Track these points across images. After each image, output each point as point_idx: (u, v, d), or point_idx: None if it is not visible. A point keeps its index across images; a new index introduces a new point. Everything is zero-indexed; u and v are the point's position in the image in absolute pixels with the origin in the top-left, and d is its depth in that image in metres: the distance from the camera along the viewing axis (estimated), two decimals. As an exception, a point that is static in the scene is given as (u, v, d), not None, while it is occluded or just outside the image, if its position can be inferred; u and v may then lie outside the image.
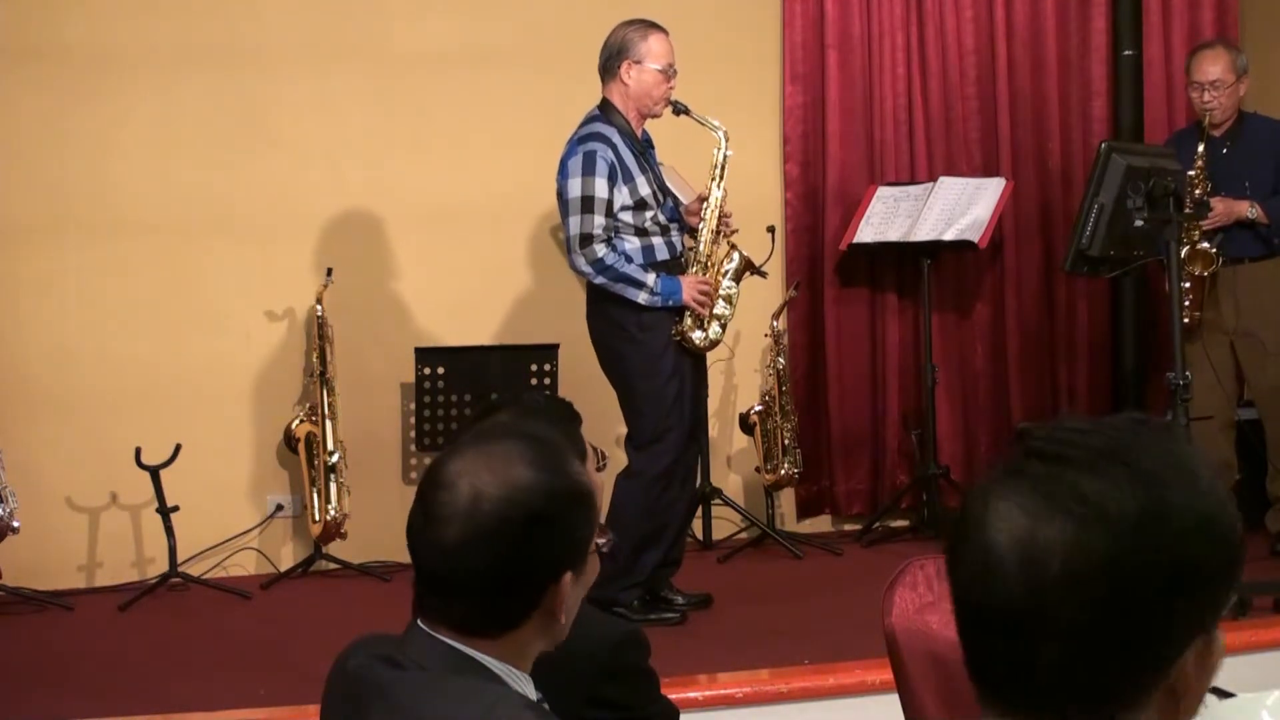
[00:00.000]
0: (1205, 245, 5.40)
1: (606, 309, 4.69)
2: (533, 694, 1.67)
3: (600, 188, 4.58)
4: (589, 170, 4.58)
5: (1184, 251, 5.35)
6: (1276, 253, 5.46)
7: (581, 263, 4.62)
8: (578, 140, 4.66)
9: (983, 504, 1.13)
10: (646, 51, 4.69)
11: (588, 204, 4.59)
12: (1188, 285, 5.39)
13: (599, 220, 4.58)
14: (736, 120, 5.07)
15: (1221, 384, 5.42)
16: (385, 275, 5.84)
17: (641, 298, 4.62)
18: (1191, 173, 5.35)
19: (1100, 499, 1.09)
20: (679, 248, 4.78)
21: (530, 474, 1.62)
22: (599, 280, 4.62)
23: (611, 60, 4.71)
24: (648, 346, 4.66)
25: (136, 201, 5.59)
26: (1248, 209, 5.36)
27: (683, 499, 4.78)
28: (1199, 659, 1.12)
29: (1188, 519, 1.10)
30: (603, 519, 1.78)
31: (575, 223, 4.61)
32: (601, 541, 1.71)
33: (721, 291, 4.80)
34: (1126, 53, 6.29)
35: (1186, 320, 5.36)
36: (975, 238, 5.85)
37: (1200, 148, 5.41)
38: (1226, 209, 5.37)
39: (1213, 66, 5.44)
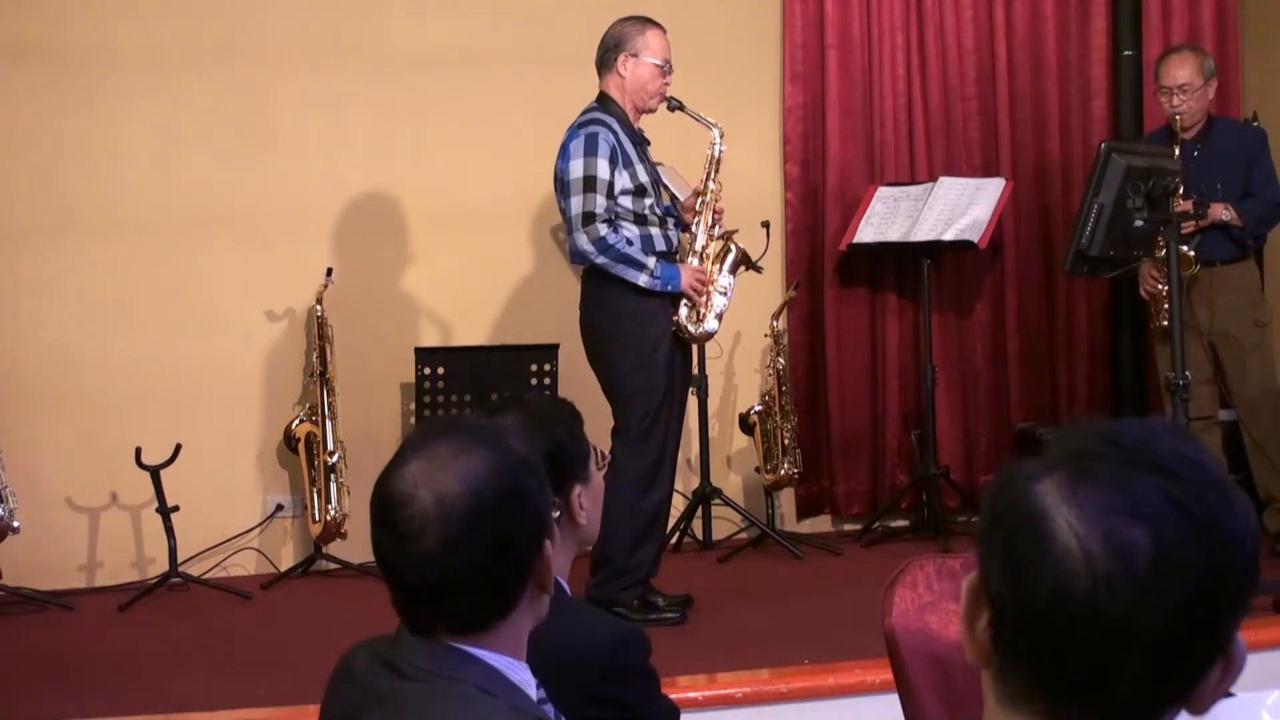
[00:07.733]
0: (1184, 248, 5.38)
1: (604, 298, 4.64)
2: (532, 682, 1.68)
3: (602, 169, 4.55)
4: (591, 151, 4.56)
5: (1160, 254, 5.36)
6: (1248, 254, 5.48)
7: (584, 241, 4.56)
8: (578, 125, 4.64)
9: (1041, 504, 1.08)
10: (643, 46, 4.68)
11: (590, 184, 4.55)
12: (1165, 289, 5.39)
13: (601, 200, 4.55)
14: (736, 120, 5.08)
15: (1202, 385, 5.42)
16: (385, 275, 5.84)
17: (642, 280, 4.59)
18: None
19: (1182, 500, 1.07)
20: (675, 242, 4.75)
21: (479, 461, 1.62)
22: (600, 260, 4.56)
23: (608, 54, 4.70)
24: (643, 339, 4.63)
25: (136, 201, 5.59)
26: (1223, 211, 5.35)
27: (669, 493, 4.76)
28: (1226, 662, 1.12)
29: (1241, 521, 1.10)
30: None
31: (577, 202, 4.56)
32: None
33: (719, 285, 4.79)
34: (1126, 53, 6.31)
35: (1165, 323, 5.36)
36: (975, 238, 5.85)
37: (1177, 151, 5.40)
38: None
39: (1180, 70, 5.43)
